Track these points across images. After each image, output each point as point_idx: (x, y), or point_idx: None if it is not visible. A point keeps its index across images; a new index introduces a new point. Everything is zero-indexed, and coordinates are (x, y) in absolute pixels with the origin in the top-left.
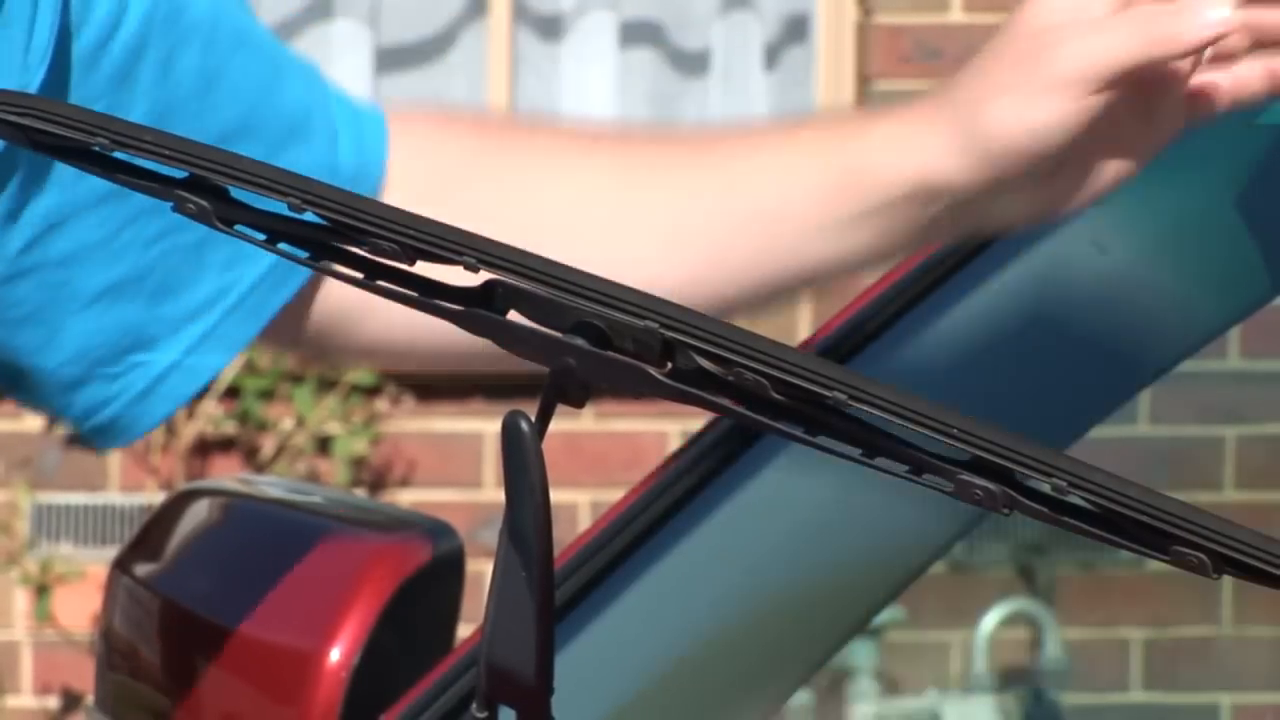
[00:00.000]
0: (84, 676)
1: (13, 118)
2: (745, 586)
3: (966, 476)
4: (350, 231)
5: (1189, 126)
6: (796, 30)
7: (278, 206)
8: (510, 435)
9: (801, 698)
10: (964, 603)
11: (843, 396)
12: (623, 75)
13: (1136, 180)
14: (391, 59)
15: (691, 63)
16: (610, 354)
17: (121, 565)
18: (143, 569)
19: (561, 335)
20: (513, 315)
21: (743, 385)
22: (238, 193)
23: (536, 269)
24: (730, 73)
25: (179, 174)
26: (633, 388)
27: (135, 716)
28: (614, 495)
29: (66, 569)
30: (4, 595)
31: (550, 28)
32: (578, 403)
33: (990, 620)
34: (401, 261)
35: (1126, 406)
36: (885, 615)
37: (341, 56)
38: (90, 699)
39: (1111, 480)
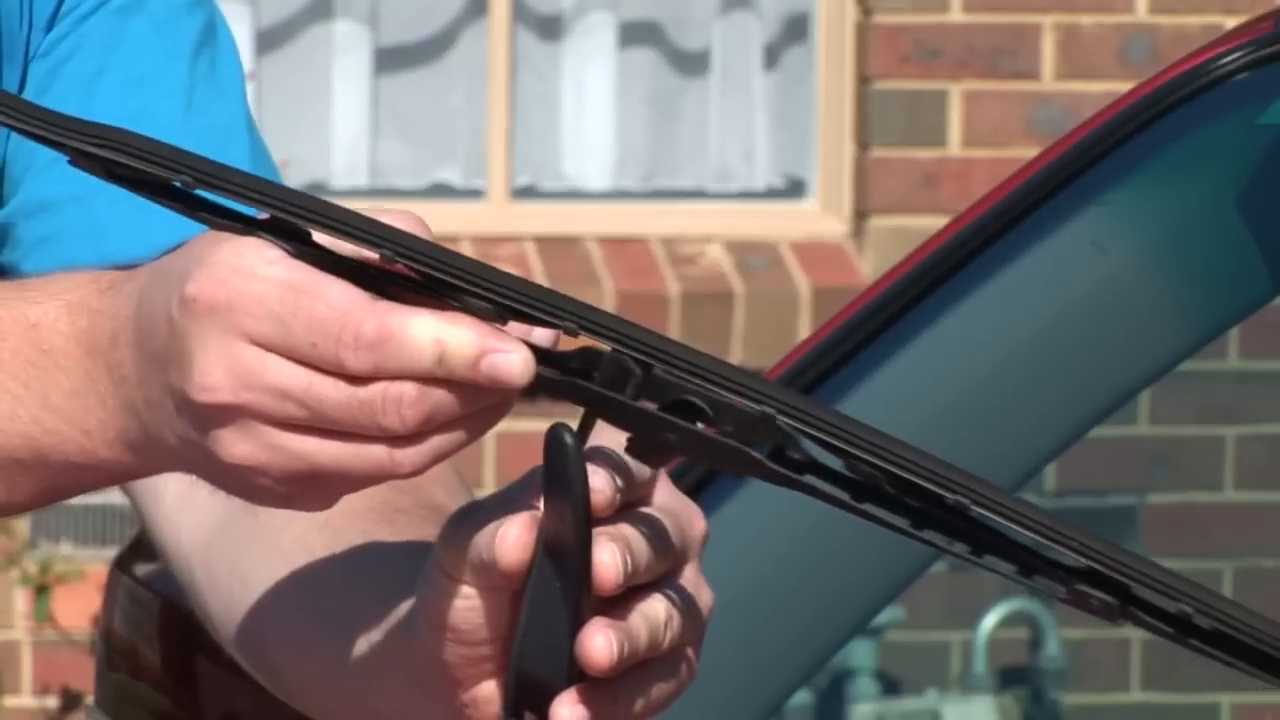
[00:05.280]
0: (84, 676)
1: (90, 148)
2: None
3: (1083, 587)
4: (443, 287)
5: None
6: (796, 30)
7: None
8: (554, 448)
9: (801, 697)
10: (964, 603)
11: (965, 501)
12: (623, 75)
13: (1136, 180)
14: (391, 59)
15: (691, 63)
16: (709, 433)
17: (121, 565)
18: (143, 569)
19: (658, 411)
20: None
21: (857, 474)
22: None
23: (641, 341)
24: (730, 73)
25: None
26: (736, 470)
27: (135, 716)
28: None
29: (66, 569)
30: (4, 595)
31: (550, 28)
32: (654, 463)
33: (990, 620)
34: (495, 321)
35: (1126, 406)
36: (885, 615)
37: (341, 56)
38: (90, 699)
39: (1235, 608)
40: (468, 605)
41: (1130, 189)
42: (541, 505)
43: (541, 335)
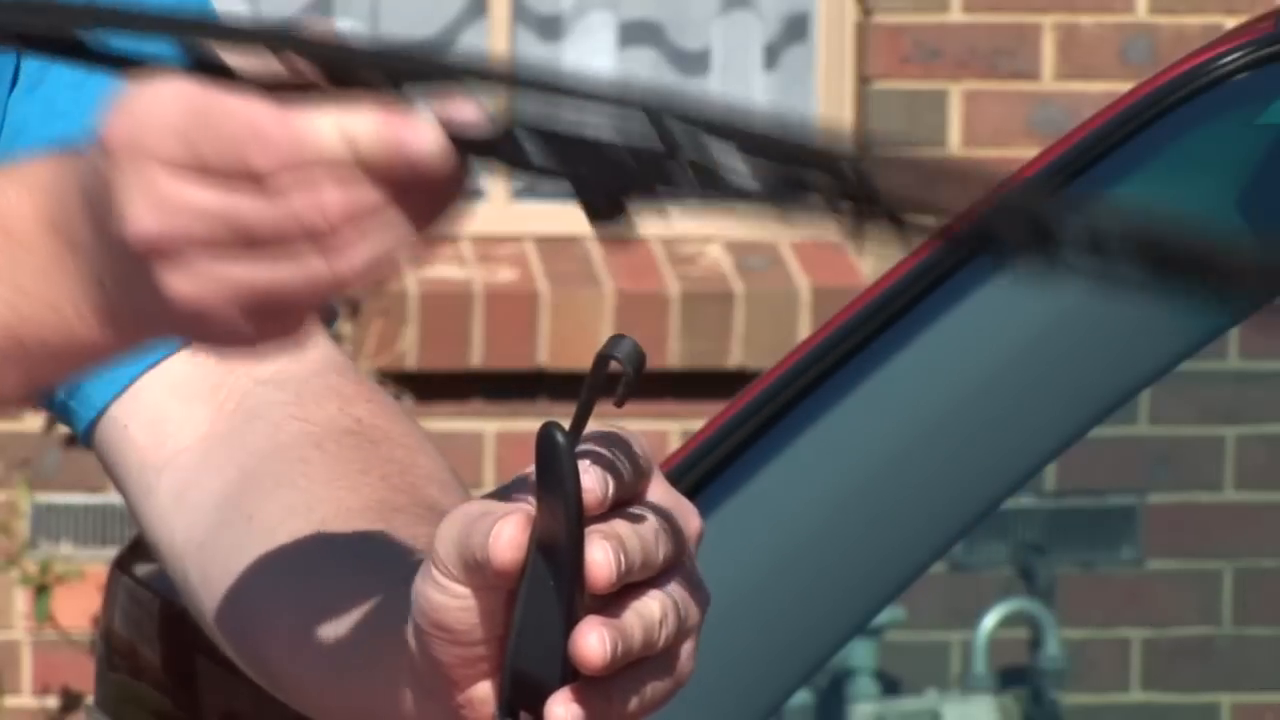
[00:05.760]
0: (84, 676)
1: None
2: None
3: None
4: (347, 82)
5: None
6: (796, 30)
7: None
8: (545, 446)
9: (801, 697)
10: (964, 603)
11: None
12: (623, 75)
13: (1136, 180)
14: None
15: (691, 62)
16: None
17: (121, 565)
18: (143, 569)
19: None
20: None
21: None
22: None
23: (539, 82)
24: (730, 72)
25: (164, 52)
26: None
27: (135, 716)
28: None
29: (66, 569)
30: (4, 595)
31: (550, 28)
32: (609, 215)
33: (990, 620)
34: (402, 104)
35: (1126, 406)
36: (885, 615)
37: None
38: (90, 699)
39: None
40: (462, 605)
41: (1130, 189)
42: (535, 504)
43: (465, 114)
